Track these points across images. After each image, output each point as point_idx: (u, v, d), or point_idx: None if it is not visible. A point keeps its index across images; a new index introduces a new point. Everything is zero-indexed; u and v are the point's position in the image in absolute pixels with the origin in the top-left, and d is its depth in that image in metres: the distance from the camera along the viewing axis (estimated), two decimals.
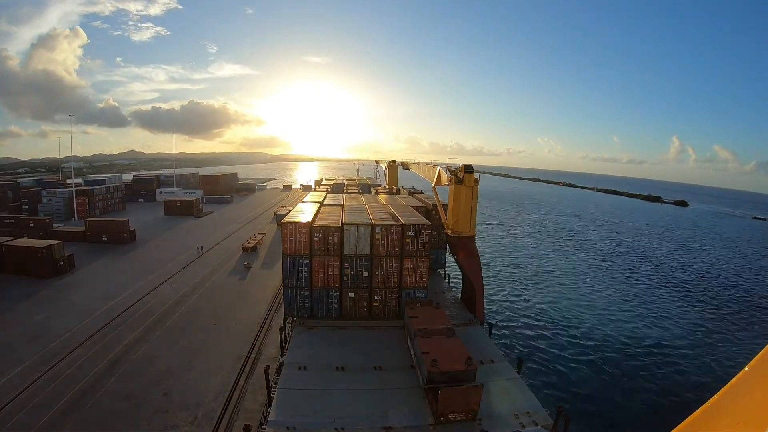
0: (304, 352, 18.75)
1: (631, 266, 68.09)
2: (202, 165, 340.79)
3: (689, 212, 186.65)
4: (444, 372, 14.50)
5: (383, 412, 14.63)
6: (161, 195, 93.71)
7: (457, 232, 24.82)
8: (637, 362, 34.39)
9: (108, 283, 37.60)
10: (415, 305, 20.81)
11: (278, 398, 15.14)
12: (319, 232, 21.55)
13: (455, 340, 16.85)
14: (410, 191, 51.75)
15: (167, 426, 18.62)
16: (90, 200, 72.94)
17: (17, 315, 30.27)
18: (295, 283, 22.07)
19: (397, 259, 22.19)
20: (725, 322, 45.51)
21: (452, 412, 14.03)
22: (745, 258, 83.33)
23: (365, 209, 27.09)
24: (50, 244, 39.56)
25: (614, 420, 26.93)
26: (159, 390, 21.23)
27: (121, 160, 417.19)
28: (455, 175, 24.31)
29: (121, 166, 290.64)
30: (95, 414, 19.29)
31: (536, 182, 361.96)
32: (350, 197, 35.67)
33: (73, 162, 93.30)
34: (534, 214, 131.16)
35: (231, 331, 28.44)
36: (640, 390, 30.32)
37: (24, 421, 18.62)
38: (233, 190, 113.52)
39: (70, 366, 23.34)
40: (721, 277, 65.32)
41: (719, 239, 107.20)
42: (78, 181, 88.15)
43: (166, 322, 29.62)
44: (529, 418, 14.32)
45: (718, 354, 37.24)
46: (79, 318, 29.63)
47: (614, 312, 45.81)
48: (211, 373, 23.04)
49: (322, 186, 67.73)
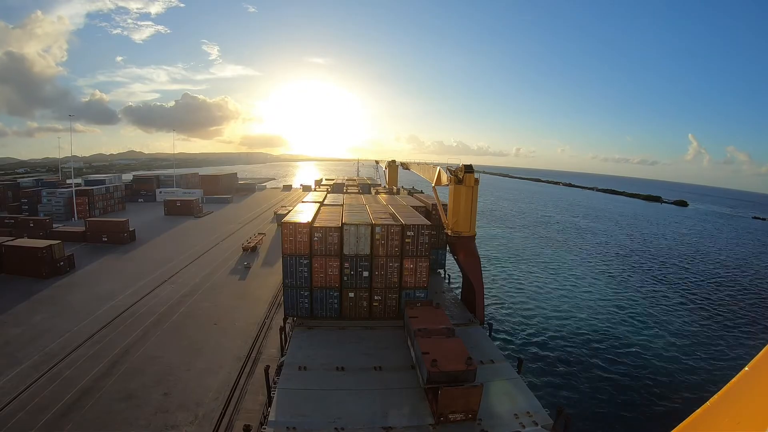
0: (304, 352, 18.75)
1: (632, 267, 68.12)
2: (201, 165, 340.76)
3: (689, 212, 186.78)
4: (444, 372, 14.50)
5: (383, 412, 14.63)
6: (161, 195, 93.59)
7: (457, 232, 24.82)
8: (637, 362, 34.40)
9: (108, 283, 37.56)
10: (415, 305, 20.81)
11: (278, 398, 15.14)
12: (319, 232, 21.55)
13: (455, 340, 16.85)
14: (410, 191, 51.77)
15: (167, 426, 18.61)
16: (90, 200, 72.87)
17: (17, 315, 30.24)
18: (295, 283, 22.06)
19: (397, 259, 22.19)
20: (725, 322, 45.52)
21: (452, 412, 14.03)
22: (745, 258, 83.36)
23: (365, 209, 27.08)
24: (50, 244, 39.51)
25: (614, 420, 26.93)
26: (159, 390, 21.22)
27: (120, 160, 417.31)
28: (455, 175, 24.31)
29: (120, 166, 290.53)
30: (95, 414, 19.27)
31: (536, 182, 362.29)
32: (350, 197, 35.67)
33: (73, 162, 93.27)
34: (529, 215, 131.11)
35: (231, 331, 28.44)
36: (640, 390, 30.32)
37: (24, 422, 18.60)
38: (233, 190, 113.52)
39: (70, 366, 23.32)
40: (722, 278, 65.34)
41: (719, 239, 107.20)
42: (78, 181, 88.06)
43: (166, 322, 29.61)
44: (529, 419, 14.32)
45: (719, 354, 37.25)
46: (79, 318, 29.61)
47: (615, 312, 45.81)
48: (211, 372, 23.04)
49: (322, 186, 67.73)
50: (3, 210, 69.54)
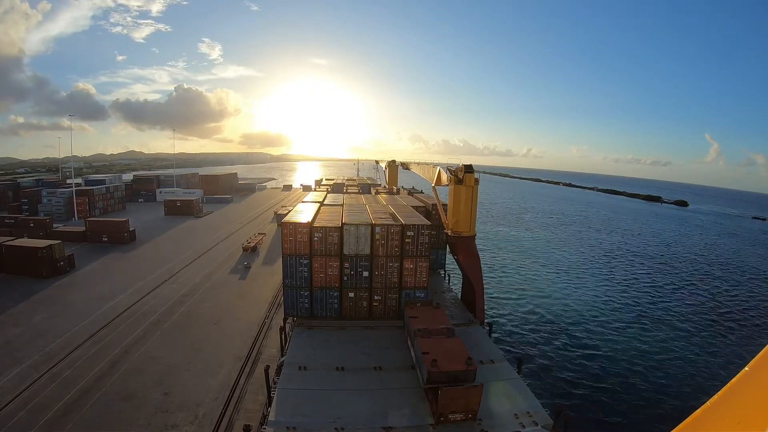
0: (304, 352, 18.76)
1: (632, 267, 68.06)
2: (201, 165, 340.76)
3: (689, 212, 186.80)
4: (444, 372, 14.51)
5: (383, 412, 14.64)
6: (161, 195, 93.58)
7: (457, 232, 24.83)
8: (637, 362, 34.37)
9: (108, 283, 37.57)
10: (415, 305, 20.82)
11: (278, 398, 15.14)
12: (319, 232, 21.56)
13: (455, 340, 16.86)
14: (410, 191, 51.75)
15: (167, 426, 18.62)
16: (90, 200, 72.84)
17: (17, 315, 30.25)
18: (295, 283, 22.07)
19: (397, 259, 22.20)
20: (725, 322, 45.48)
21: (452, 412, 14.03)
22: (745, 258, 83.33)
23: (365, 209, 27.09)
24: (50, 244, 39.52)
25: (614, 420, 26.91)
26: (159, 390, 21.22)
27: (120, 160, 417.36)
28: (455, 175, 24.32)
29: (120, 166, 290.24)
30: (95, 414, 19.27)
31: (536, 182, 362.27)
32: (350, 197, 35.67)
33: (73, 162, 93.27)
34: (524, 215, 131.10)
35: (231, 331, 28.44)
36: (640, 390, 30.30)
37: (24, 422, 18.61)
38: (233, 190, 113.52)
39: (70, 366, 23.33)
40: (722, 278, 65.31)
41: (719, 240, 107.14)
42: (78, 181, 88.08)
43: (166, 322, 29.61)
44: (529, 419, 14.32)
45: (719, 354, 37.24)
46: (79, 318, 29.62)
47: (615, 312, 45.79)
48: (211, 373, 23.06)
49: (322, 186, 67.70)
50: (3, 210, 69.50)
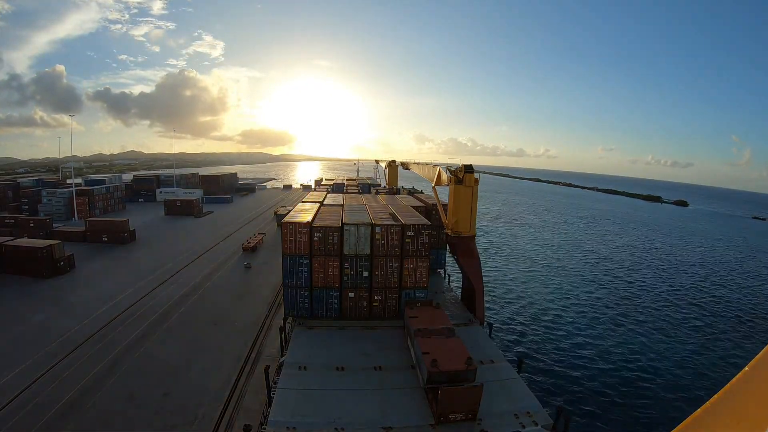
0: (304, 352, 18.77)
1: (632, 267, 68.07)
2: (201, 165, 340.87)
3: (688, 212, 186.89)
4: (444, 372, 14.52)
5: (383, 412, 14.64)
6: (161, 195, 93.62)
7: (457, 232, 24.83)
8: (637, 362, 34.38)
9: (108, 283, 37.57)
10: (415, 305, 20.83)
11: (278, 398, 15.15)
12: (319, 232, 21.56)
13: (455, 340, 16.87)
14: (410, 191, 51.77)
15: (167, 426, 18.62)
16: (90, 200, 72.85)
17: (17, 315, 30.24)
18: (295, 282, 22.08)
19: (397, 259, 22.20)
20: (725, 322, 45.49)
21: (452, 412, 14.04)
22: (745, 258, 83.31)
23: (365, 209, 27.09)
24: (50, 244, 39.53)
25: (614, 420, 26.91)
26: (159, 390, 21.23)
27: (120, 160, 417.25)
28: (455, 175, 24.33)
29: (120, 166, 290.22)
30: (95, 414, 19.28)
31: (536, 182, 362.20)
32: (350, 197, 35.66)
33: (73, 162, 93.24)
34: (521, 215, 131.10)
35: (231, 331, 28.44)
36: (640, 390, 30.30)
37: (24, 421, 18.62)
38: (233, 190, 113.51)
39: (71, 366, 23.33)
40: (722, 278, 65.29)
41: (719, 240, 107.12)
42: (78, 181, 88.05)
43: (167, 322, 29.62)
44: (529, 418, 14.34)
45: (719, 354, 37.23)
46: (79, 318, 29.61)
47: (615, 312, 45.78)
48: (212, 372, 23.05)
49: (322, 186, 67.75)
50: (3, 210, 69.54)
